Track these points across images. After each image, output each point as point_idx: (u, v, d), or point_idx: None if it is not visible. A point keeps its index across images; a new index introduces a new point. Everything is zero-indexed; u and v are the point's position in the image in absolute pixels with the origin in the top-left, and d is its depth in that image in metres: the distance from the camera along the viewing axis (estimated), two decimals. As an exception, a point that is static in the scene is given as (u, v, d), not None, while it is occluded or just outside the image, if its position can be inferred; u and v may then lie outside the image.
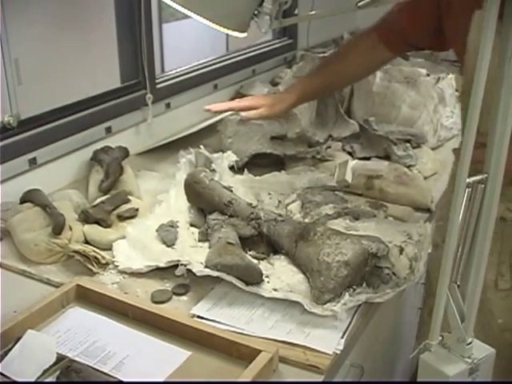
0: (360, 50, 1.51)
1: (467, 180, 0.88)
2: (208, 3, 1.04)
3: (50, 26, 1.62)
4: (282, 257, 1.28)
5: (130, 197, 1.50)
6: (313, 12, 1.13)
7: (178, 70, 2.16)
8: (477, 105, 0.85)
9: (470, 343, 0.96)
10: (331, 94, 1.57)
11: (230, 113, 1.70)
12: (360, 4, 0.90)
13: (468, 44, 1.27)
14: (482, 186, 0.90)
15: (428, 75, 2.02)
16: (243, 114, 1.35)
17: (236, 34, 1.09)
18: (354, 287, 1.16)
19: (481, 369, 0.96)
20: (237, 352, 1.04)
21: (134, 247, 1.33)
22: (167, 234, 1.33)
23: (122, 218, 1.43)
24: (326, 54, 2.34)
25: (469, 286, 0.96)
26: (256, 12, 1.06)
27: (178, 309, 1.17)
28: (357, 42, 1.56)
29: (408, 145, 1.81)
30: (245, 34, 1.10)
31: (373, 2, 0.92)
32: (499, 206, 0.93)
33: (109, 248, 1.34)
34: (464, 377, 0.96)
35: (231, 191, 1.41)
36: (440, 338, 0.97)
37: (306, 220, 1.40)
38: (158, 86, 2.01)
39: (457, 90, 2.03)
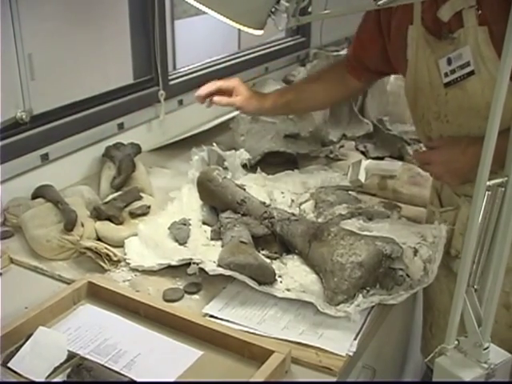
0: (332, 78, 1.56)
1: (487, 183, 0.87)
2: (226, 0, 1.03)
3: (64, 22, 1.61)
4: (295, 257, 1.27)
5: (141, 194, 1.50)
6: (328, 11, 1.11)
7: (190, 67, 2.15)
8: (497, 115, 0.85)
9: (487, 348, 0.94)
10: (300, 110, 1.67)
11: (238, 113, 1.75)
12: (380, 2, 0.88)
13: (408, 61, 1.31)
14: (502, 189, 0.89)
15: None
16: (216, 98, 1.41)
17: (253, 31, 1.08)
18: (368, 288, 1.15)
19: (497, 374, 0.95)
20: (249, 352, 1.03)
21: (145, 245, 1.32)
22: (179, 232, 1.33)
23: (133, 215, 1.42)
24: (339, 53, 2.33)
25: (486, 290, 0.95)
26: (273, 10, 1.05)
27: (189, 307, 1.16)
28: (330, 70, 1.62)
29: (422, 145, 1.80)
30: (261, 32, 1.10)
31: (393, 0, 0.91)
32: None
33: (120, 245, 1.34)
34: (481, 382, 0.95)
35: (244, 190, 1.40)
36: (456, 342, 0.95)
37: (320, 220, 1.39)
38: (171, 82, 2.00)
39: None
